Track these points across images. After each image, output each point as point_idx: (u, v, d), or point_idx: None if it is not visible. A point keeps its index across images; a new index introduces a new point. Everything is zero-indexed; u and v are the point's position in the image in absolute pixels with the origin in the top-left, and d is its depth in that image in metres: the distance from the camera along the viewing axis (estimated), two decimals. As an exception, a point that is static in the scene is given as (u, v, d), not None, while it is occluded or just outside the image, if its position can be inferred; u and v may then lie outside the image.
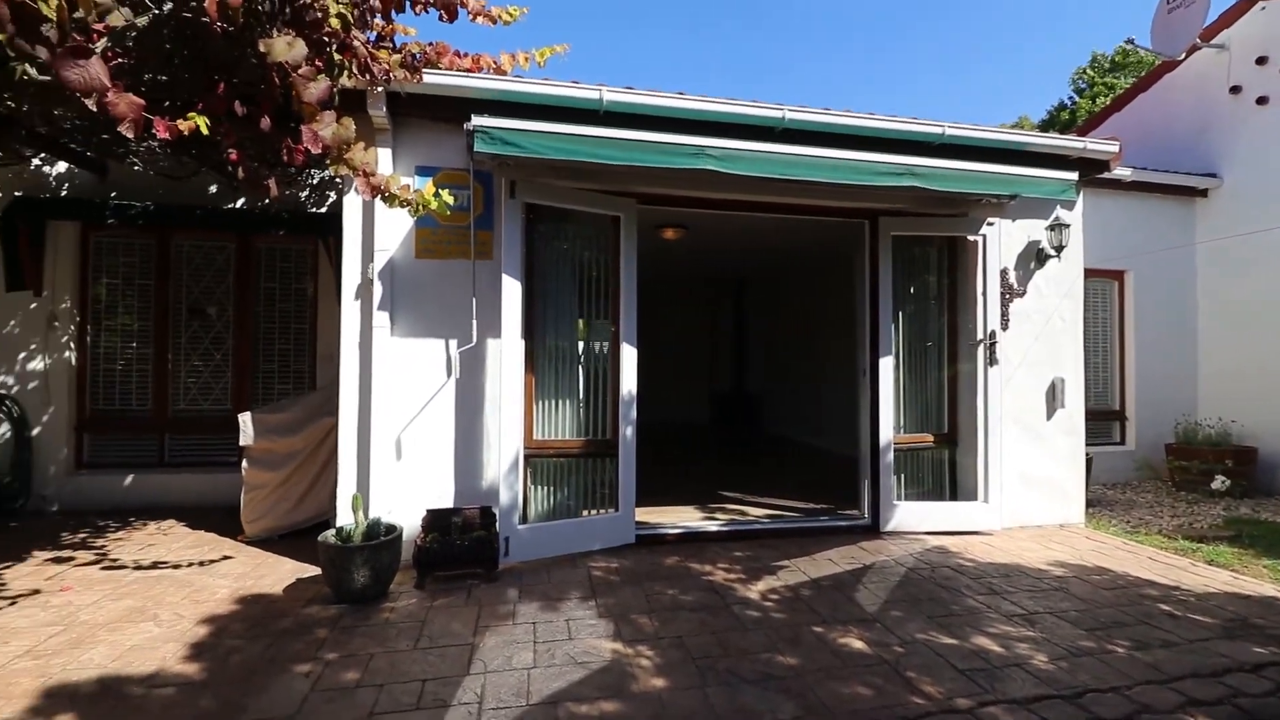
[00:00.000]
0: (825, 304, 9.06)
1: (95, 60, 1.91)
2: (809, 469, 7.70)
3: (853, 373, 6.38)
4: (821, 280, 9.15)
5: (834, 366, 8.64)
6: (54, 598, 3.59)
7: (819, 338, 9.25)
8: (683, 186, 4.55)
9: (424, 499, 4.12)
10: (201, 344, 6.05)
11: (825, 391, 9.03)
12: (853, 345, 7.82)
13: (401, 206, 3.18)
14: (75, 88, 1.90)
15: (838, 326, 8.44)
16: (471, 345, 4.12)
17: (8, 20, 1.62)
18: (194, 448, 5.98)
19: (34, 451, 5.59)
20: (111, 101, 2.00)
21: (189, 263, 6.05)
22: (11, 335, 5.60)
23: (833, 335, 8.68)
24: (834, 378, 8.62)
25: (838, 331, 8.42)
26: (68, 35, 1.81)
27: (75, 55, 1.85)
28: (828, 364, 8.91)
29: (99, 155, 5.44)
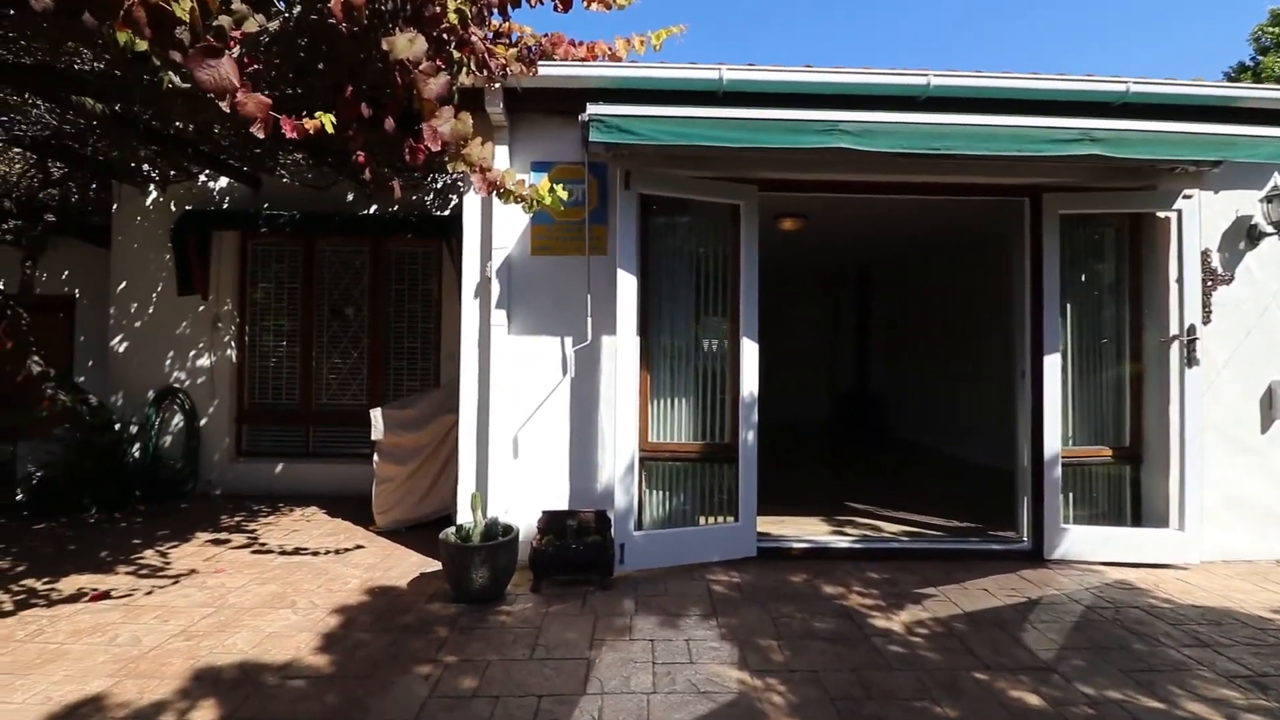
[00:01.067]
0: (967, 296, 8.14)
1: (226, 60, 1.93)
2: (947, 480, 6.97)
3: (1004, 374, 5.64)
4: (962, 269, 8.24)
5: (979, 366, 7.75)
6: (209, 579, 3.88)
7: (959, 334, 8.35)
8: (809, 169, 4.16)
9: (539, 499, 4.05)
10: (340, 343, 6.46)
11: (966, 394, 8.14)
12: (1004, 343, 6.97)
13: (516, 202, 3.09)
14: (206, 87, 1.94)
15: (983, 321, 7.57)
16: (586, 343, 4.00)
17: (144, 24, 1.64)
18: (333, 439, 6.39)
19: (201, 440, 6.21)
20: (241, 101, 2.03)
21: (330, 267, 6.47)
22: (184, 335, 6.26)
23: (977, 331, 7.78)
24: (979, 379, 7.74)
25: (983, 327, 7.55)
26: (200, 37, 1.82)
27: (207, 55, 1.88)
28: (971, 363, 8.01)
29: (253, 169, 5.93)
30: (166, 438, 6.18)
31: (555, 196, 3.11)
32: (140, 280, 6.29)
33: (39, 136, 4.93)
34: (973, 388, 7.88)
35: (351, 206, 6.26)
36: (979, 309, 7.72)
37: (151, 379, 6.23)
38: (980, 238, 7.32)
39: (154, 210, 6.28)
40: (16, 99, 4.29)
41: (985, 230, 6.91)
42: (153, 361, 6.25)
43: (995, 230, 6.65)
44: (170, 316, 6.26)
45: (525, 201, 3.09)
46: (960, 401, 8.26)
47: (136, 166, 5.84)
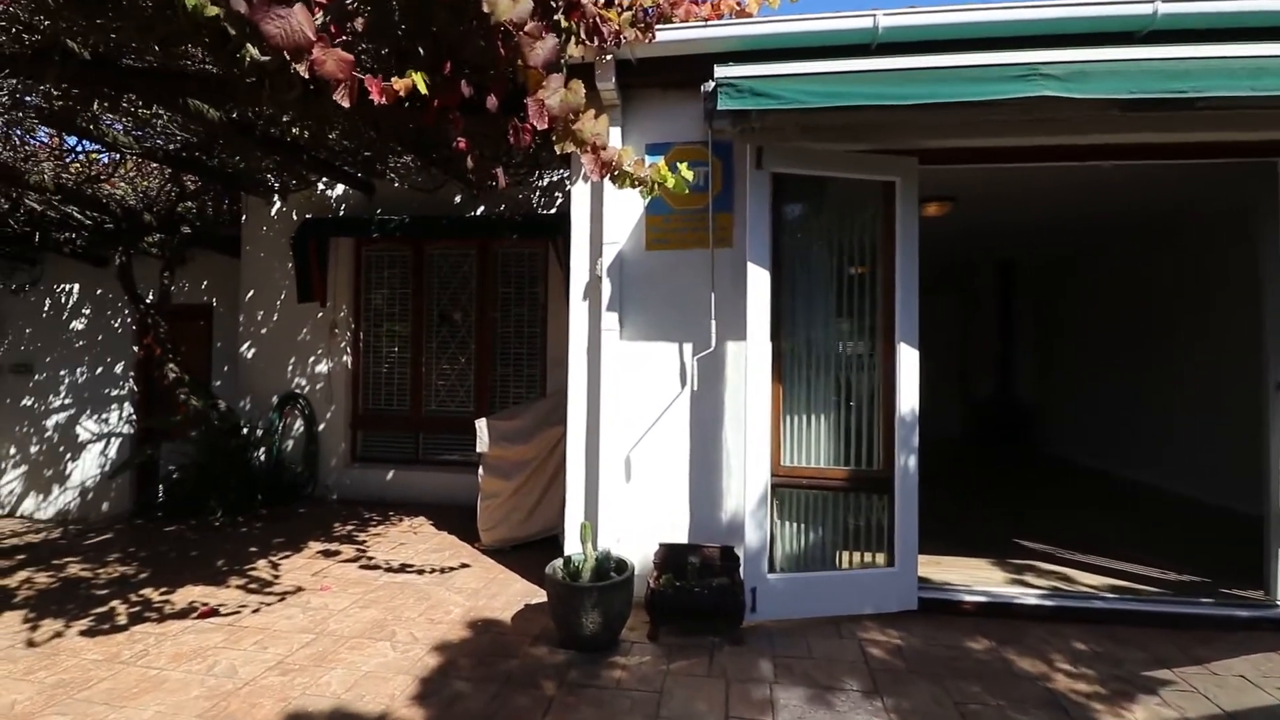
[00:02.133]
0: (1167, 289, 6.66)
1: (298, 9, 1.59)
2: (1139, 515, 5.74)
3: (1234, 387, 4.50)
4: (1157, 256, 6.76)
5: (1184, 375, 6.33)
6: (314, 597, 3.70)
7: (1153, 335, 6.86)
8: (985, 134, 3.37)
9: (655, 529, 3.54)
10: (449, 348, 6.32)
11: (1162, 408, 6.71)
12: (1219, 348, 5.68)
13: (633, 186, 2.60)
14: (276, 43, 1.60)
15: (1195, 321, 6.18)
16: (710, 350, 3.44)
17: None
18: (442, 447, 6.26)
19: (319, 445, 6.28)
20: (318, 59, 1.68)
21: (438, 271, 6.35)
22: (304, 341, 6.36)
23: (1186, 333, 6.33)
24: (1183, 391, 6.32)
25: (1197, 328, 6.15)
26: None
27: (274, 3, 1.53)
28: (1171, 372, 6.56)
29: (366, 175, 5.89)
30: (288, 442, 6.30)
31: (679, 177, 2.58)
32: (266, 288, 6.48)
33: (171, 150, 5.09)
34: (1174, 402, 6.48)
35: (459, 209, 6.10)
36: (1185, 306, 6.32)
37: (276, 384, 6.39)
38: (1188, 216, 5.99)
39: (278, 220, 6.44)
40: (145, 111, 4.38)
41: (1204, 205, 5.61)
42: (277, 367, 6.41)
43: (1219, 205, 5.39)
44: (292, 323, 6.39)
45: (644, 185, 2.59)
46: (1153, 417, 6.82)
47: (261, 177, 5.98)
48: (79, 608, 3.52)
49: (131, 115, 4.46)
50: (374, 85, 1.88)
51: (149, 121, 4.59)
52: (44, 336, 8.13)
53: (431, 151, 4.66)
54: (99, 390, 7.95)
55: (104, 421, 7.93)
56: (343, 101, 1.82)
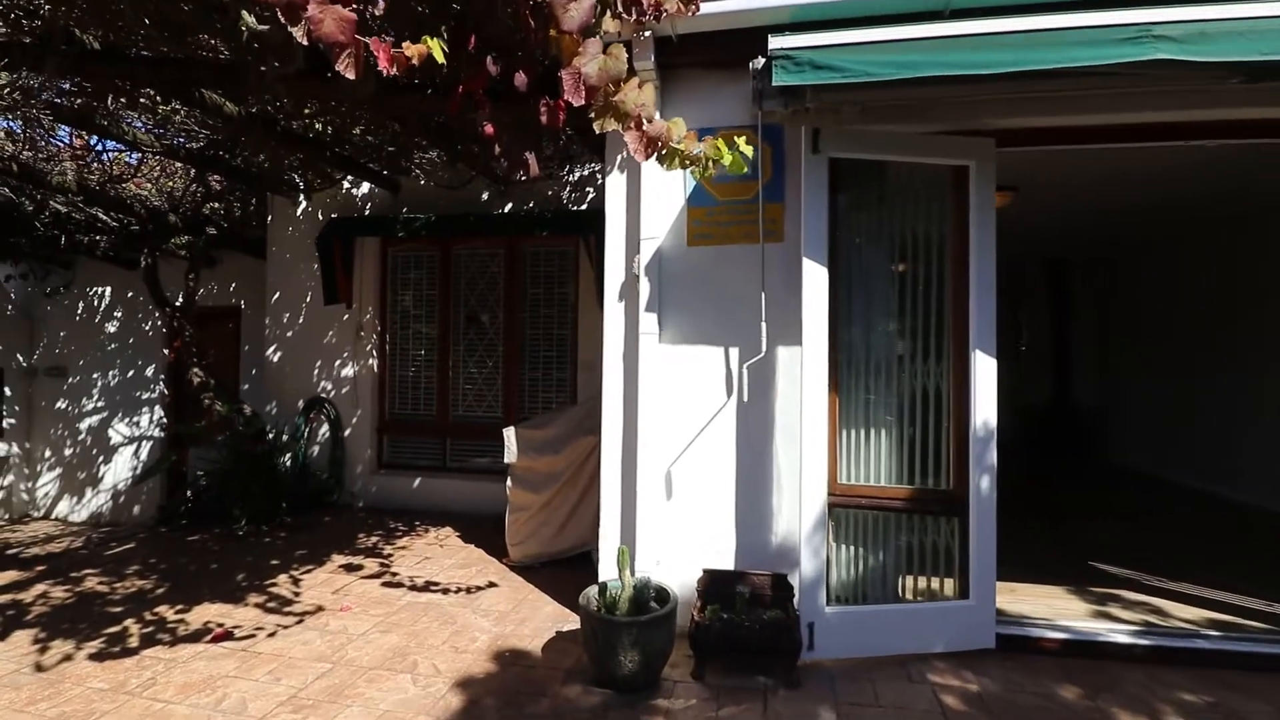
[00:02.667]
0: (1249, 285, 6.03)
1: (288, -42, 1.32)
2: (1227, 534, 5.24)
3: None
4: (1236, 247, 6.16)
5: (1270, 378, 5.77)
6: (333, 619, 3.48)
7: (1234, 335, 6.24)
8: (1077, 109, 2.96)
9: (698, 552, 3.23)
10: (476, 351, 6.10)
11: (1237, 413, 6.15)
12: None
13: (684, 166, 2.28)
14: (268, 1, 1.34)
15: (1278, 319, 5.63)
16: (760, 356, 3.11)
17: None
18: (469, 454, 6.04)
19: (345, 451, 6.11)
20: (315, 18, 1.42)
21: (465, 271, 6.13)
22: (330, 344, 6.20)
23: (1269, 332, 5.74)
24: (1268, 396, 5.76)
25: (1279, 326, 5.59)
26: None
27: (260, -48, 1.27)
28: (1255, 374, 5.97)
29: (390, 171, 5.69)
30: (314, 448, 6.15)
31: (736, 154, 2.27)
32: (292, 290, 6.34)
33: (193, 149, 4.95)
34: (1255, 406, 5.92)
35: (486, 206, 5.87)
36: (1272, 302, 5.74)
37: (302, 388, 6.24)
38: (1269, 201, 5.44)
39: (303, 220, 6.29)
40: (164, 107, 4.23)
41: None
42: (303, 370, 6.27)
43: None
44: (318, 326, 6.24)
45: (697, 163, 2.27)
46: (1230, 424, 6.25)
47: (285, 176, 5.84)
48: (91, 627, 3.35)
49: (150, 111, 4.32)
50: (382, 51, 1.62)
51: (168, 119, 4.44)
52: (77, 339, 8.17)
53: (457, 144, 4.43)
54: (130, 393, 7.95)
55: (135, 425, 7.92)
56: (347, 73, 1.55)
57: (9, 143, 4.52)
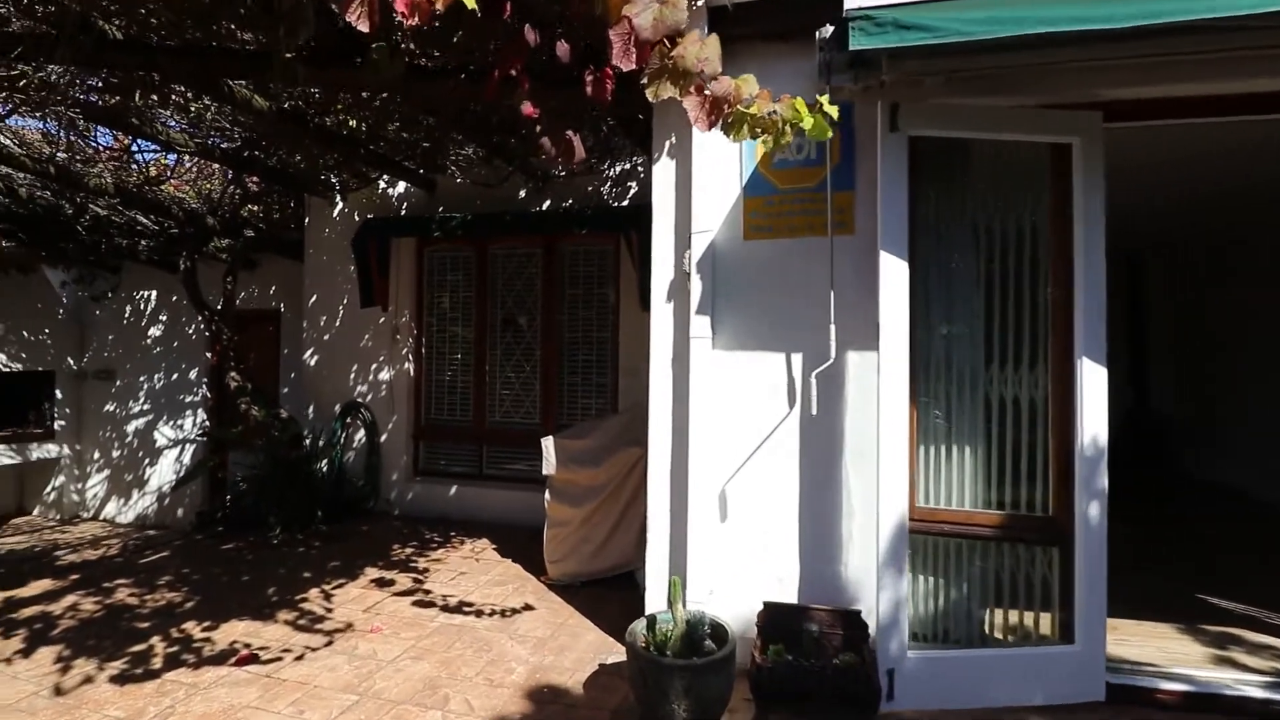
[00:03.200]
0: None
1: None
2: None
3: None
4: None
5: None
6: (363, 641, 3.26)
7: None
8: (1207, 75, 2.53)
9: (757, 581, 2.90)
10: (513, 355, 5.87)
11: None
12: None
13: (754, 135, 1.96)
14: None
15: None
16: (829, 363, 2.76)
17: None
18: (506, 462, 5.81)
19: (381, 457, 5.96)
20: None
21: (502, 272, 5.92)
22: (366, 348, 6.06)
23: None
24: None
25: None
26: None
27: None
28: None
29: (426, 169, 5.51)
30: (350, 453, 6.02)
31: (819, 118, 1.93)
32: (329, 293, 6.23)
33: (228, 149, 4.85)
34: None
35: (524, 204, 5.64)
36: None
37: (338, 392, 6.13)
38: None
39: (339, 221, 6.18)
40: (197, 103, 4.11)
41: None
42: (339, 374, 6.15)
43: None
44: (355, 329, 6.11)
45: (771, 130, 1.95)
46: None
47: (321, 175, 5.72)
48: (115, 645, 3.21)
49: (182, 110, 4.20)
50: (400, 0, 1.35)
51: (200, 117, 4.33)
52: (124, 343, 8.27)
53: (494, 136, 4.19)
54: (175, 396, 8.01)
55: (179, 428, 7.97)
56: (361, 25, 1.30)
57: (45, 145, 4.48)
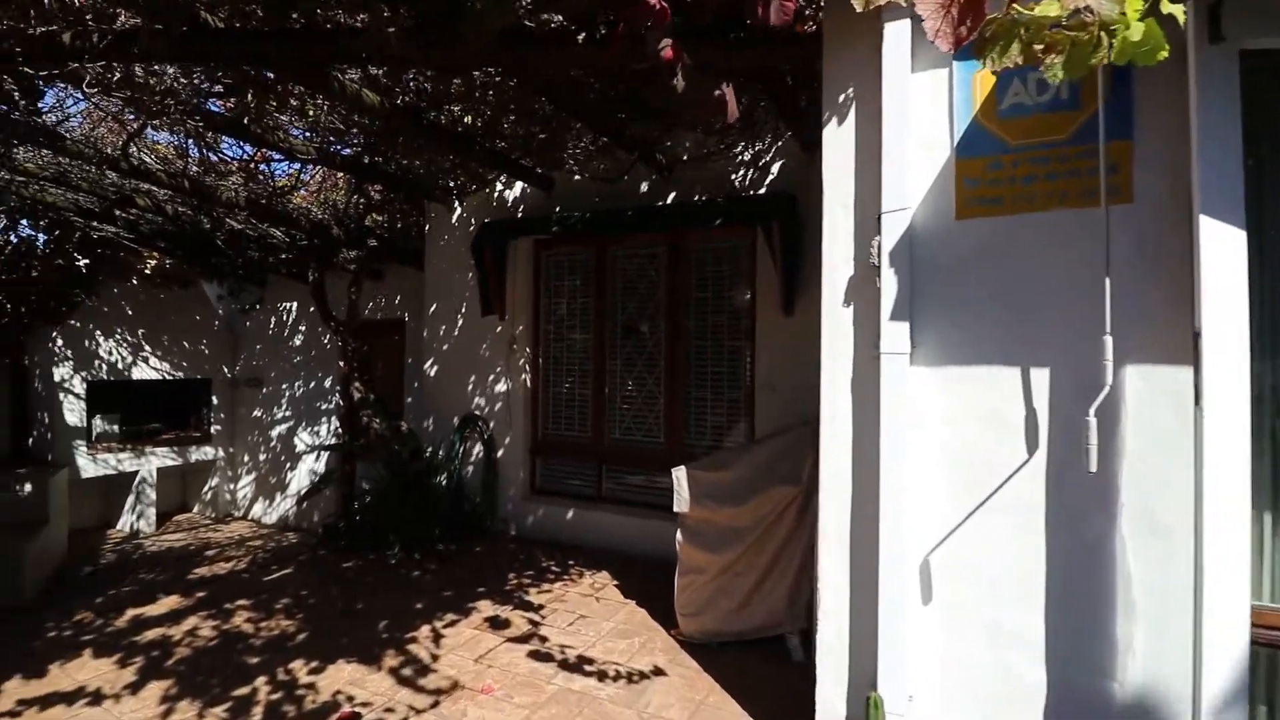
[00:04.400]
0: None
1: None
2: None
3: None
4: None
5: None
6: (472, 706, 2.81)
7: None
8: None
9: (979, 691, 2.09)
10: (635, 366, 5.34)
11: None
12: None
13: (1034, 59, 1.22)
14: None
15: None
16: (1106, 391, 1.89)
17: None
18: (627, 483, 5.28)
19: (498, 473, 5.65)
20: None
21: (623, 274, 5.40)
22: (483, 358, 5.79)
23: None
24: None
25: None
26: None
27: None
28: None
29: (542, 166, 5.11)
30: (468, 468, 5.77)
31: (1153, 26, 1.16)
32: (447, 301, 6.04)
33: (349, 157, 4.71)
34: None
35: (645, 199, 5.09)
36: None
37: (457, 404, 5.91)
38: None
39: (458, 226, 5.97)
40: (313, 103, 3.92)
41: None
42: (458, 385, 5.93)
43: None
44: (473, 338, 5.86)
45: (1065, 48, 1.20)
46: None
47: (442, 182, 5.51)
48: (222, 685, 2.98)
49: (300, 113, 4.05)
50: None
51: (318, 121, 4.17)
52: (270, 352, 8.72)
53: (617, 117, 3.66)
54: (313, 404, 8.30)
55: (315, 434, 8.25)
56: None
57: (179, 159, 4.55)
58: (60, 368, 7.58)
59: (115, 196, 5.09)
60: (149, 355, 8.31)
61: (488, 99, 4.16)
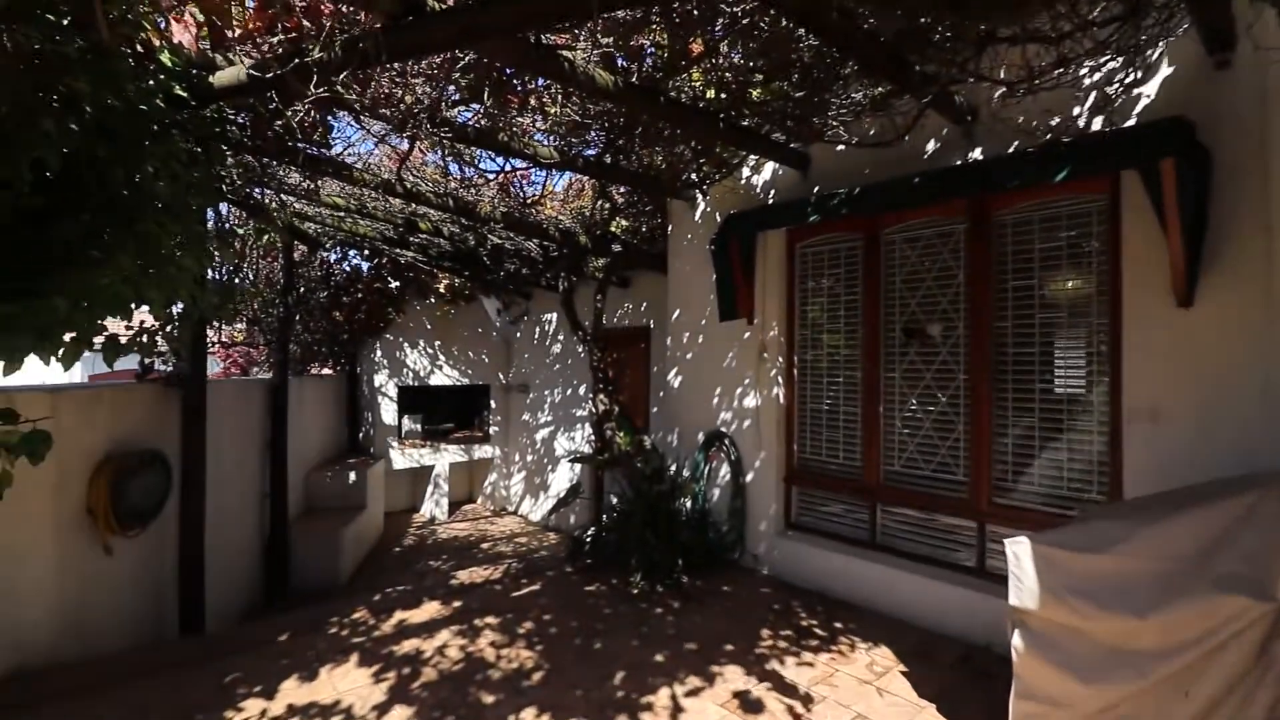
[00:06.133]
0: None
1: None
2: None
3: None
4: None
5: None
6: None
7: None
8: None
9: None
10: (920, 380, 4.17)
11: None
12: None
13: None
14: None
15: None
16: None
17: None
18: (911, 530, 4.14)
19: (746, 500, 4.94)
20: None
21: (902, 262, 4.28)
22: (729, 368, 5.13)
23: None
24: None
25: None
26: None
27: None
28: None
29: (798, 140, 4.26)
30: (713, 491, 5.18)
31: None
32: (690, 306, 5.54)
33: (591, 159, 4.44)
34: None
35: (935, 159, 3.91)
36: None
37: (701, 419, 5.36)
38: None
39: (700, 224, 5.42)
40: (553, 106, 3.66)
41: None
42: (702, 398, 5.38)
43: None
44: (718, 346, 5.26)
45: None
46: None
47: (685, 175, 5.02)
48: (453, 729, 2.75)
49: (540, 113, 3.83)
50: None
51: (559, 122, 3.92)
52: (534, 360, 9.30)
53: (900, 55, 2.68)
54: (569, 411, 8.60)
55: (571, 440, 8.52)
56: None
57: (443, 179, 4.76)
58: (379, 374, 8.95)
59: (402, 223, 5.62)
60: (442, 364, 9.43)
61: (734, 64, 3.49)
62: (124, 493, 3.71)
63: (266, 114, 3.56)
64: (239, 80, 2.97)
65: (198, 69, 3.05)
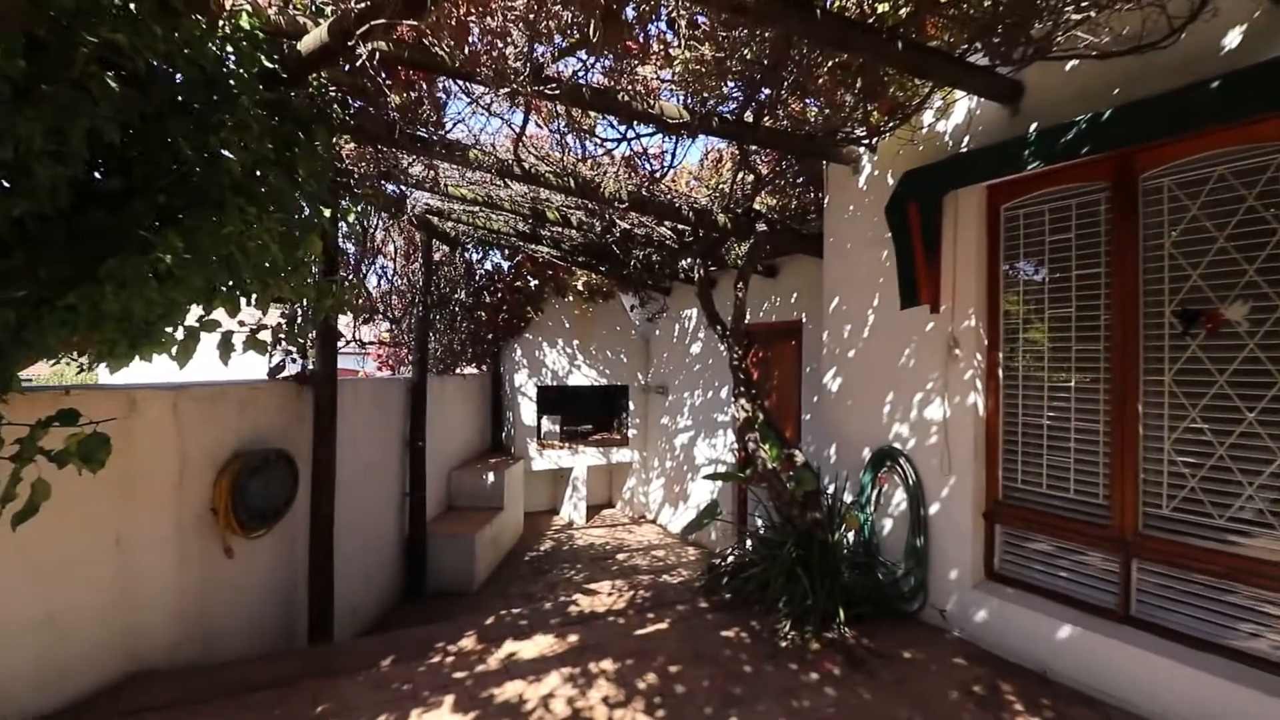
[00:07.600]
0: None
1: None
2: None
3: None
4: None
5: None
6: None
7: None
8: None
9: None
10: (1209, 384, 2.89)
11: None
12: None
13: None
14: None
15: None
16: None
17: None
18: (1193, 602, 2.87)
19: (929, 537, 3.88)
20: None
21: (1171, 219, 3.01)
22: (904, 369, 4.09)
23: None
24: None
25: None
26: None
27: None
28: None
29: (1008, 58, 3.16)
30: (884, 523, 4.18)
31: None
32: (853, 293, 4.56)
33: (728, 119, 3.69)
34: None
35: (1228, 61, 2.63)
36: None
37: (866, 431, 4.37)
38: None
39: (866, 191, 4.43)
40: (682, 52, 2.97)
41: None
42: (868, 406, 4.39)
43: None
44: (889, 341, 4.24)
45: None
46: None
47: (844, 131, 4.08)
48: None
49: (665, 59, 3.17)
50: None
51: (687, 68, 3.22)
52: (674, 360, 8.70)
53: None
54: (710, 415, 7.87)
55: (713, 447, 7.78)
56: None
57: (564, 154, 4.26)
58: (519, 374, 8.87)
59: (529, 213, 5.26)
60: (581, 363, 9.16)
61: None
62: (245, 493, 3.64)
63: (371, 88, 3.26)
64: (322, 41, 2.65)
65: (285, 37, 2.78)
